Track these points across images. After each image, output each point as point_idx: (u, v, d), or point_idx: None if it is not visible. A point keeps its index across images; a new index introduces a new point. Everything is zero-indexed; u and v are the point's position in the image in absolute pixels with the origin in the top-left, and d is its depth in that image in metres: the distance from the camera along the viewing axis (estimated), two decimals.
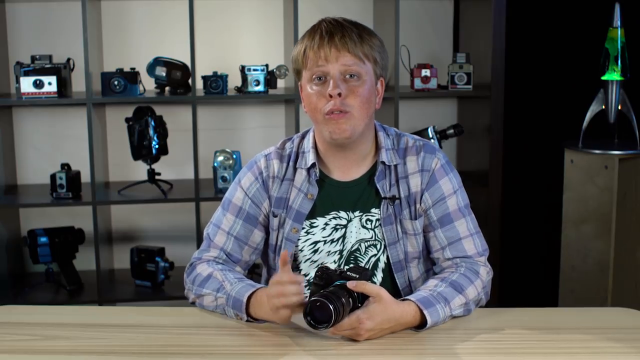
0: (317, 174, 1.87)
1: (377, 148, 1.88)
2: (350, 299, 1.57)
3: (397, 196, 1.85)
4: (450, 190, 1.86)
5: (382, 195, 1.85)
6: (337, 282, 1.61)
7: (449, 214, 1.85)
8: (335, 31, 1.77)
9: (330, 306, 1.51)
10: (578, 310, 1.99)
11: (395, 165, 1.86)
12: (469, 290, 1.76)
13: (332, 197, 1.87)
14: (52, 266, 3.43)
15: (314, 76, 1.78)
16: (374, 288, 1.62)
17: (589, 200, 3.06)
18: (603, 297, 3.04)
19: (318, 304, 1.52)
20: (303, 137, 1.93)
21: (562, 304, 3.18)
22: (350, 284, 1.59)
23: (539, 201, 3.62)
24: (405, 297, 1.70)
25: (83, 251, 3.48)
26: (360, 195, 1.87)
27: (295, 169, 1.89)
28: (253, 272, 3.15)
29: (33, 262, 3.41)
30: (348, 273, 1.62)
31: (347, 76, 1.77)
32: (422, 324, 1.66)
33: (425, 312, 1.65)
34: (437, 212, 1.85)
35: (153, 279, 3.43)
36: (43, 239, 3.36)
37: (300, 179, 1.88)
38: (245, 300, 1.70)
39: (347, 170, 1.88)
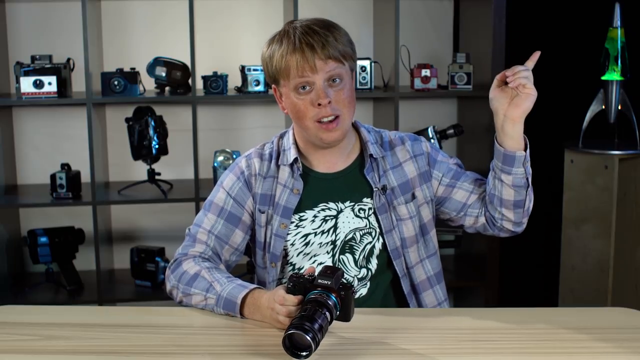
0: (301, 169, 1.89)
1: (362, 142, 1.93)
2: (328, 312, 1.54)
3: (387, 186, 1.89)
4: (449, 158, 1.98)
5: (374, 187, 1.89)
6: (312, 294, 1.57)
7: (457, 171, 1.96)
8: (314, 41, 1.77)
9: (307, 337, 1.47)
10: (578, 310, 1.99)
11: (383, 157, 1.91)
12: None
13: (318, 189, 1.90)
14: (52, 266, 3.43)
15: (298, 86, 1.79)
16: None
17: (589, 200, 3.06)
18: (603, 297, 3.04)
19: (295, 336, 1.48)
20: (282, 136, 1.96)
21: (562, 303, 3.18)
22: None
23: (539, 201, 3.60)
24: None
25: (83, 251, 3.48)
26: (348, 186, 1.90)
27: (277, 167, 1.91)
28: (252, 273, 3.14)
29: (33, 262, 3.42)
30: (319, 280, 1.59)
31: (331, 81, 1.79)
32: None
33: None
34: (449, 175, 1.94)
35: (153, 279, 3.43)
36: (43, 239, 3.36)
37: (284, 175, 1.90)
38: (239, 302, 1.71)
39: (331, 164, 1.91)
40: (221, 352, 1.59)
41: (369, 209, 1.89)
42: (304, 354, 1.49)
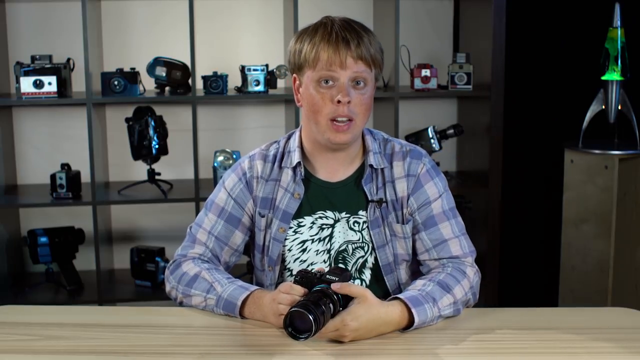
0: (303, 173, 1.87)
1: (365, 151, 1.89)
2: (332, 304, 1.55)
3: (384, 199, 1.85)
4: (436, 195, 1.86)
5: (370, 198, 1.85)
6: (318, 287, 1.59)
7: (432, 217, 1.85)
8: (351, 37, 1.75)
9: (310, 316, 1.48)
10: (578, 310, 1.99)
11: (382, 169, 1.87)
12: (457, 289, 1.74)
13: (318, 196, 1.87)
14: (52, 266, 3.43)
15: (321, 79, 1.76)
16: (359, 289, 1.61)
17: (589, 200, 3.06)
18: (603, 297, 3.04)
19: (297, 314, 1.49)
20: (289, 137, 1.93)
21: (562, 303, 3.18)
22: (334, 286, 1.57)
23: (539, 201, 3.61)
24: (394, 296, 1.68)
25: (83, 251, 3.48)
26: (346, 197, 1.87)
27: (281, 169, 1.89)
28: (252, 273, 3.14)
29: (33, 262, 3.42)
30: (327, 276, 1.60)
31: (355, 82, 1.77)
32: (409, 324, 1.64)
33: (413, 310, 1.63)
34: (422, 216, 1.85)
35: (153, 279, 3.43)
36: (43, 239, 3.36)
37: (286, 179, 1.88)
38: (239, 303, 1.71)
39: (333, 171, 1.88)
40: (221, 352, 1.59)
41: (363, 222, 1.86)
42: (304, 336, 1.49)
